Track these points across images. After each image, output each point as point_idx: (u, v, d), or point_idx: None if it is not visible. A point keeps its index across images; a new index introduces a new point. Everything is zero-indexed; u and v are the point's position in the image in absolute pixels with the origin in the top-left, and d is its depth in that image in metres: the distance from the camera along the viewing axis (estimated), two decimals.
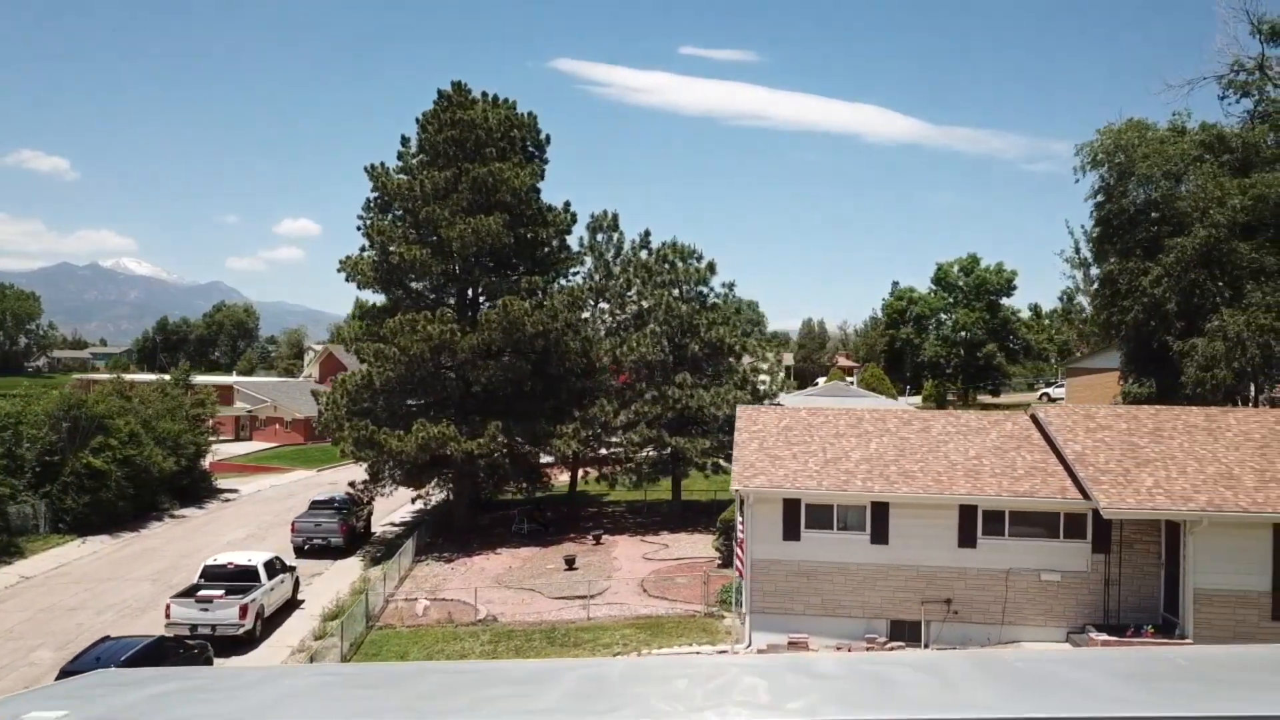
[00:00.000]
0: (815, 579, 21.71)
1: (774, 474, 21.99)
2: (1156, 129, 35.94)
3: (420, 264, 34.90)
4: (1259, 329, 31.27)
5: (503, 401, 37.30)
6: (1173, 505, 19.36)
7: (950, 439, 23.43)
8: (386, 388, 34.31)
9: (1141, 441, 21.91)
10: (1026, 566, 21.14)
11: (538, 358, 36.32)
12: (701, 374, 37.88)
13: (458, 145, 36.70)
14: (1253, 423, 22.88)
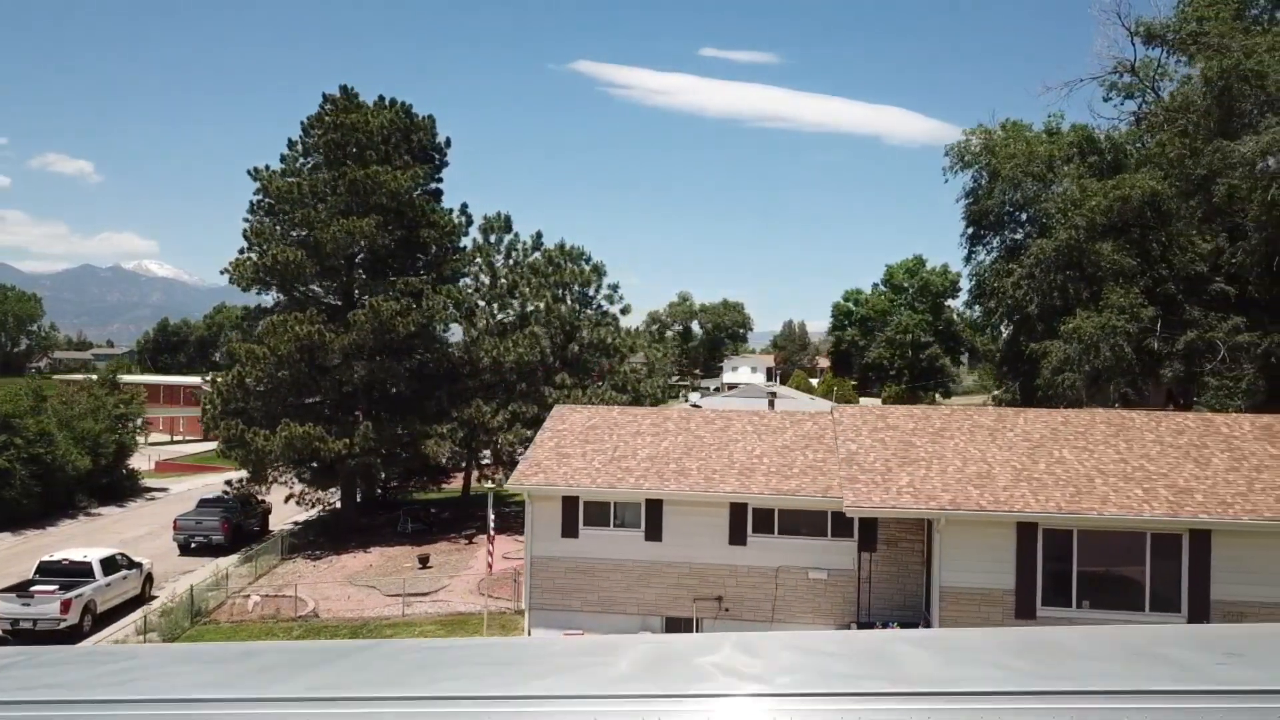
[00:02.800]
0: (593, 576, 22.00)
1: (555, 472, 22.29)
2: (1030, 131, 36.00)
3: (295, 265, 35.40)
4: (1111, 330, 31.31)
5: (382, 402, 37.81)
6: (915, 504, 19.53)
7: (744, 438, 23.67)
8: (258, 388, 34.80)
9: (919, 441, 22.07)
10: (796, 564, 21.37)
11: (414, 359, 36.76)
12: (586, 375, 38.20)
13: (339, 148, 37.20)
14: (1039, 423, 22.99)
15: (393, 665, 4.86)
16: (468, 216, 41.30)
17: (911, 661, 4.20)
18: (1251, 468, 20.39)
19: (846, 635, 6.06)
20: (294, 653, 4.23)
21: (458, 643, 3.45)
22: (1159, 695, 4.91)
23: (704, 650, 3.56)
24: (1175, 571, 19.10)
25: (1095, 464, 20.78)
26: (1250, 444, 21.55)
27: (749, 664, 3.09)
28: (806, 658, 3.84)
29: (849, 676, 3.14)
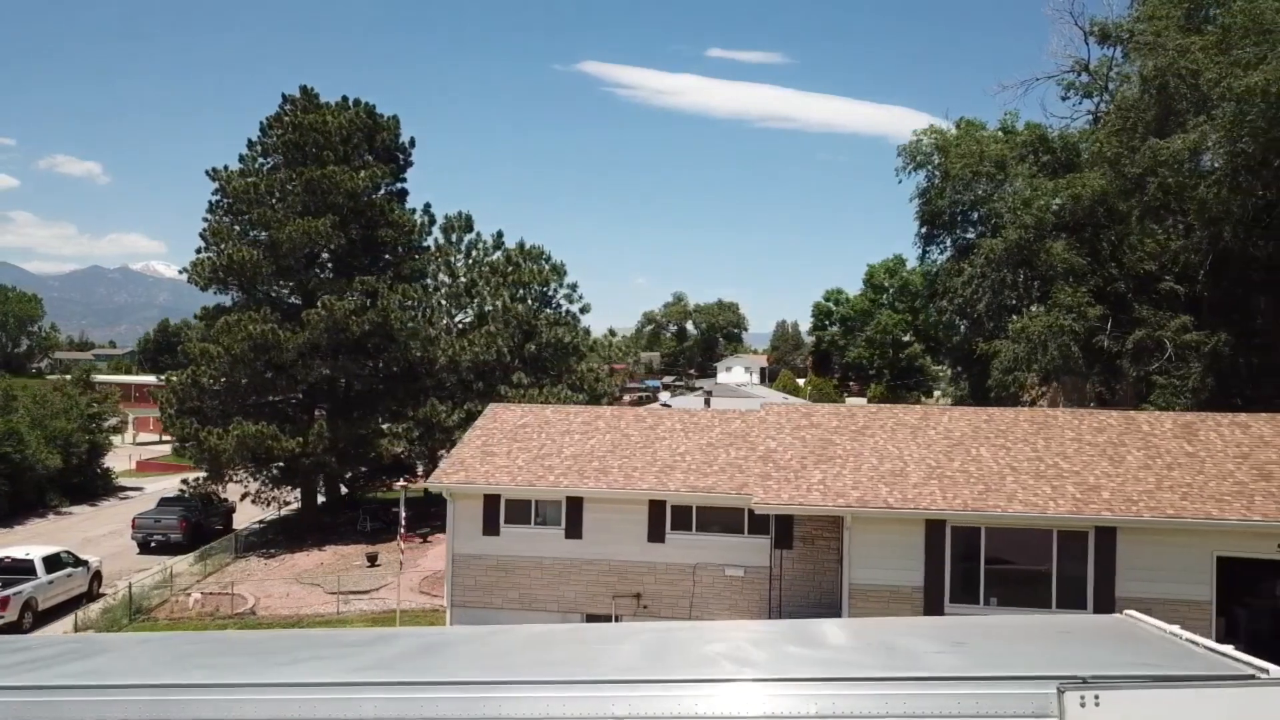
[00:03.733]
0: (513, 573, 22.11)
1: (476, 470, 22.42)
2: (984, 130, 36.03)
3: (251, 265, 35.60)
4: (1059, 329, 31.32)
5: (341, 401, 38.03)
6: (824, 501, 19.60)
7: (670, 436, 23.76)
8: (213, 386, 35.01)
9: (839, 439, 22.14)
10: (713, 562, 21.46)
11: (375, 358, 36.96)
12: (544, 374, 38.33)
13: (297, 148, 37.38)
14: (962, 421, 23.03)
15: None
16: (430, 216, 41.51)
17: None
18: (1164, 465, 20.43)
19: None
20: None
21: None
22: (860, 682, 5.32)
23: None
24: (1082, 568, 19.15)
25: (1010, 461, 20.84)
26: (1168, 442, 21.59)
27: None
28: None
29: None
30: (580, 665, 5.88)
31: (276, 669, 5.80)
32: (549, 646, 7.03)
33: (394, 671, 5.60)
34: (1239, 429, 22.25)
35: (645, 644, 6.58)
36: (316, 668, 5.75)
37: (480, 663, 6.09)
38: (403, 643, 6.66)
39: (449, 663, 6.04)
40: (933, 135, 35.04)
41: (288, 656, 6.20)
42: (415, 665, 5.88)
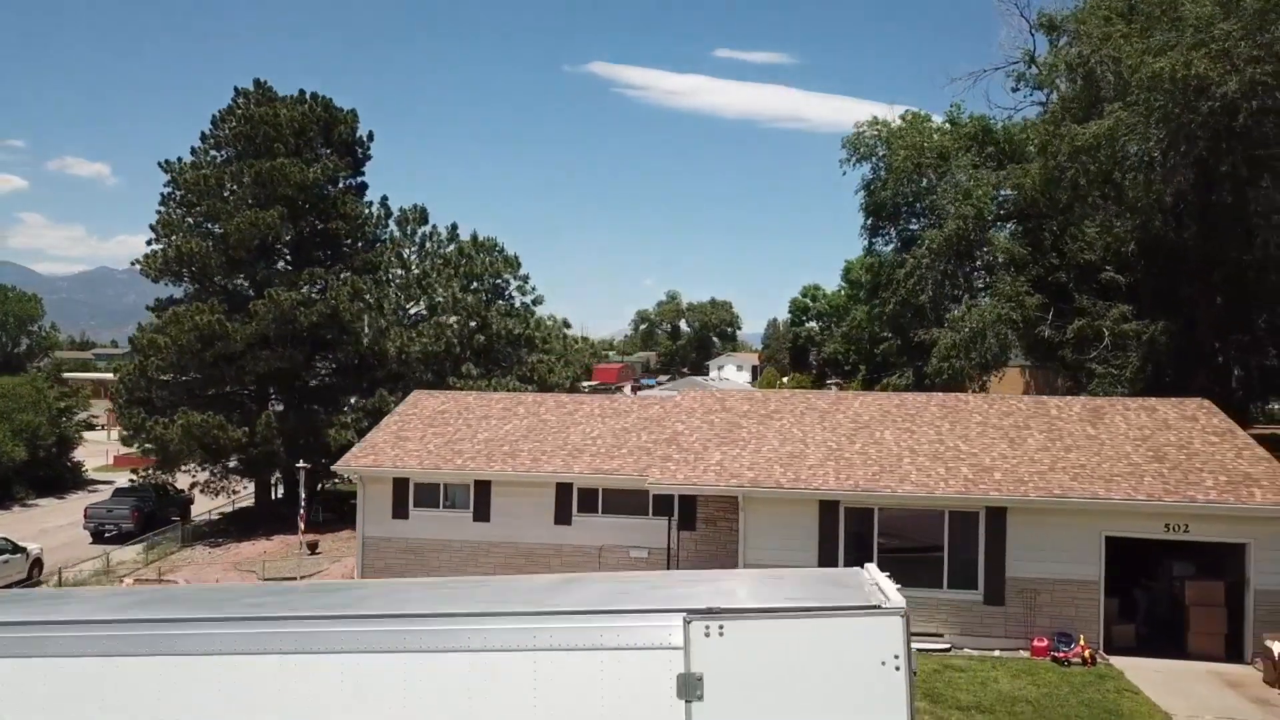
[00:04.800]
0: (423, 556, 22.27)
1: (387, 454, 22.59)
2: (929, 122, 36.08)
3: (200, 256, 35.83)
4: (998, 319, 31.38)
5: (294, 392, 38.26)
6: (717, 481, 19.74)
7: (587, 421, 23.89)
8: (161, 377, 35.25)
9: (746, 423, 22.26)
10: (618, 543, 21.61)
11: (323, 349, 37.17)
12: (496, 366, 38.48)
13: (248, 140, 37.61)
14: (874, 406, 23.16)
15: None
16: (386, 209, 41.71)
17: None
18: (1063, 447, 20.53)
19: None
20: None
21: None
22: (514, 616, 5.76)
23: None
24: (974, 549, 19.24)
25: (911, 444, 20.94)
26: (1073, 425, 21.68)
27: None
28: None
29: None
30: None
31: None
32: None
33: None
34: (1145, 413, 22.34)
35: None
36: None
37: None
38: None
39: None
40: (876, 127, 35.12)
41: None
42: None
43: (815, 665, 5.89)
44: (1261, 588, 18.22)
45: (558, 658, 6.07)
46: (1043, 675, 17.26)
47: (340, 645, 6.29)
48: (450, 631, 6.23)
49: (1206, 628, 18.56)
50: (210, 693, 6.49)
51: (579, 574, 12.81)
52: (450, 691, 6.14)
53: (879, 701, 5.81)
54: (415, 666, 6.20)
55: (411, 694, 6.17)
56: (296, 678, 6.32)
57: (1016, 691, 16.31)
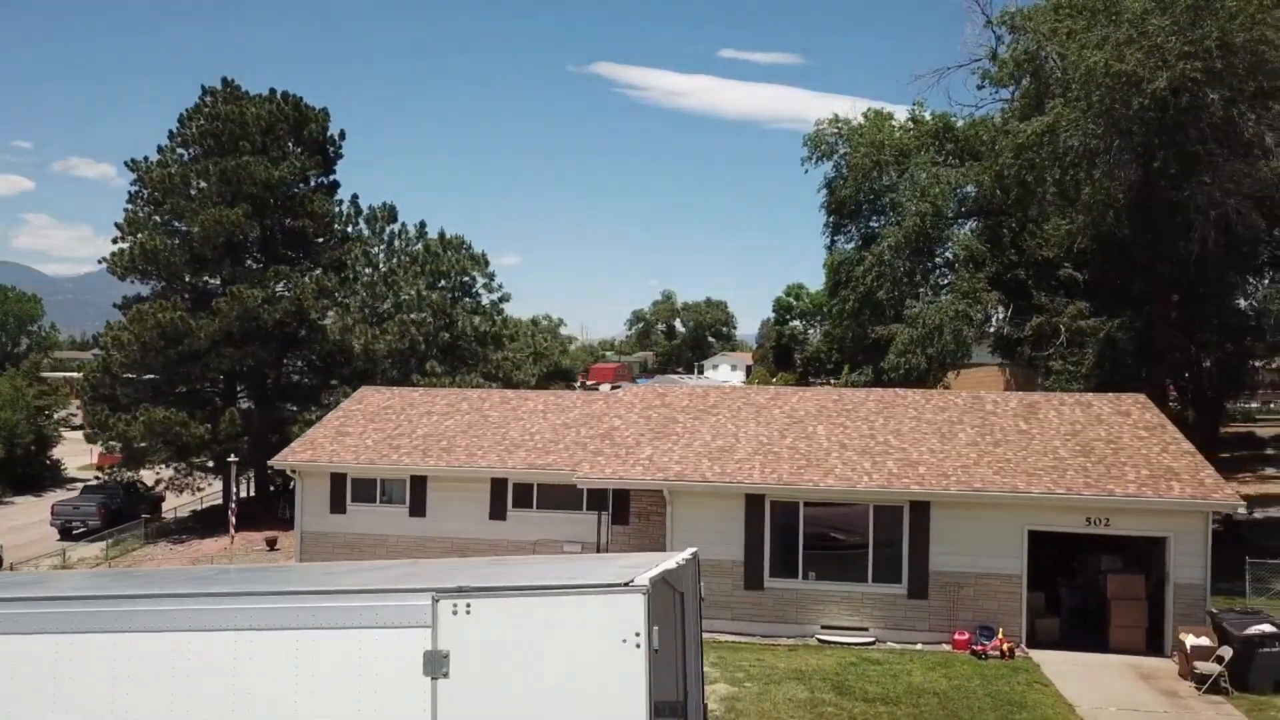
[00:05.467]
0: (359, 551, 22.37)
1: (325, 449, 22.71)
2: (893, 120, 36.10)
3: (164, 254, 35.99)
4: (954, 315, 31.41)
5: (263, 389, 38.42)
6: (644, 475, 19.83)
7: (529, 417, 23.99)
8: (125, 374, 35.43)
9: (683, 418, 22.34)
10: (553, 538, 21.68)
11: (289, 347, 37.33)
12: (462, 363, 38.61)
13: (214, 138, 37.76)
14: (811, 401, 23.25)
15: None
16: (356, 208, 41.86)
17: None
18: (992, 442, 20.59)
19: None
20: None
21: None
22: (287, 596, 5.89)
23: None
24: (898, 543, 19.30)
25: (842, 439, 21.01)
26: (1006, 420, 21.74)
27: None
28: None
29: None
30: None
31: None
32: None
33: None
34: (1080, 408, 22.41)
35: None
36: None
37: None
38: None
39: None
40: (836, 125, 35.17)
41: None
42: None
43: (559, 642, 5.99)
44: (1181, 581, 18.29)
45: (317, 636, 6.18)
46: (958, 668, 17.33)
47: (103, 625, 6.39)
48: (212, 611, 6.34)
49: (1127, 621, 18.62)
50: None
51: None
52: (216, 668, 6.25)
53: (619, 677, 5.90)
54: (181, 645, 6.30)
55: (178, 670, 6.28)
56: (66, 659, 6.42)
57: (927, 684, 16.38)
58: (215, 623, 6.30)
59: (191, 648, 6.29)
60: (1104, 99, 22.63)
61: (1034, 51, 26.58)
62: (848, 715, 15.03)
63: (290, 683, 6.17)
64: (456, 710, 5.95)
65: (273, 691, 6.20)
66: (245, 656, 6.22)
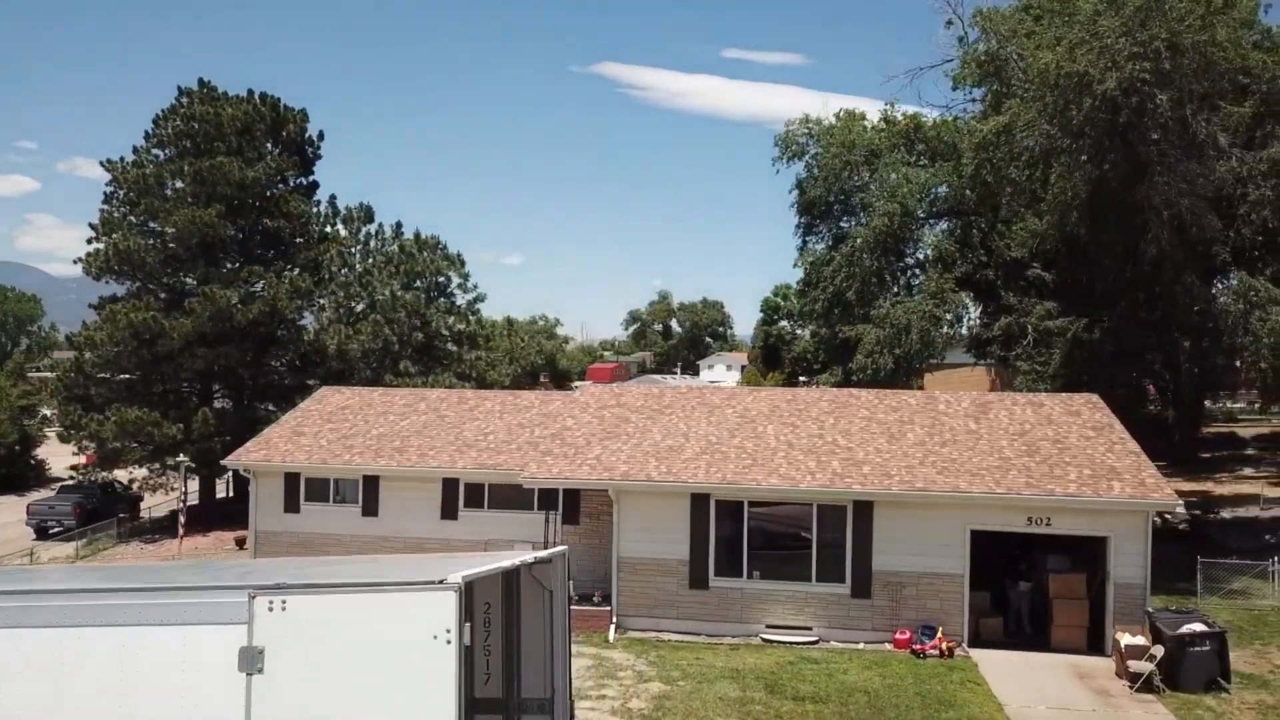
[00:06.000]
0: (313, 550, 22.43)
1: (278, 449, 22.81)
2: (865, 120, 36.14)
3: (138, 254, 36.12)
4: (921, 315, 31.45)
5: (239, 389, 38.55)
6: (591, 475, 19.91)
7: (486, 416, 24.08)
8: (98, 374, 35.56)
9: (635, 418, 22.42)
10: (503, 537, 21.66)
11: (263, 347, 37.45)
12: (436, 363, 38.70)
13: (189, 138, 37.89)
14: (763, 401, 23.31)
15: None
16: (334, 208, 41.96)
17: None
18: (939, 442, 20.64)
19: None
20: None
21: None
22: (110, 593, 6.03)
23: None
24: (841, 543, 19.35)
25: (790, 438, 21.07)
26: (957, 420, 21.79)
27: None
28: None
29: None
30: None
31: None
32: None
33: None
34: (1032, 408, 22.46)
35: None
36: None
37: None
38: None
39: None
40: (806, 125, 35.23)
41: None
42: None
43: (373, 638, 6.06)
44: (1121, 580, 18.34)
45: (141, 632, 6.26)
46: (894, 667, 17.38)
47: None
48: (39, 608, 6.41)
49: (1068, 621, 18.67)
50: None
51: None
52: (42, 664, 6.32)
53: (429, 673, 5.98)
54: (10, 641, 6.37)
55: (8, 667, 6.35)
56: None
57: (860, 683, 16.43)
58: (40, 620, 6.37)
59: (21, 644, 6.36)
60: (1057, 100, 22.65)
61: (995, 52, 26.61)
62: (775, 714, 15.09)
63: (116, 678, 6.25)
64: (271, 705, 6.03)
65: (99, 687, 6.28)
66: (72, 652, 6.29)
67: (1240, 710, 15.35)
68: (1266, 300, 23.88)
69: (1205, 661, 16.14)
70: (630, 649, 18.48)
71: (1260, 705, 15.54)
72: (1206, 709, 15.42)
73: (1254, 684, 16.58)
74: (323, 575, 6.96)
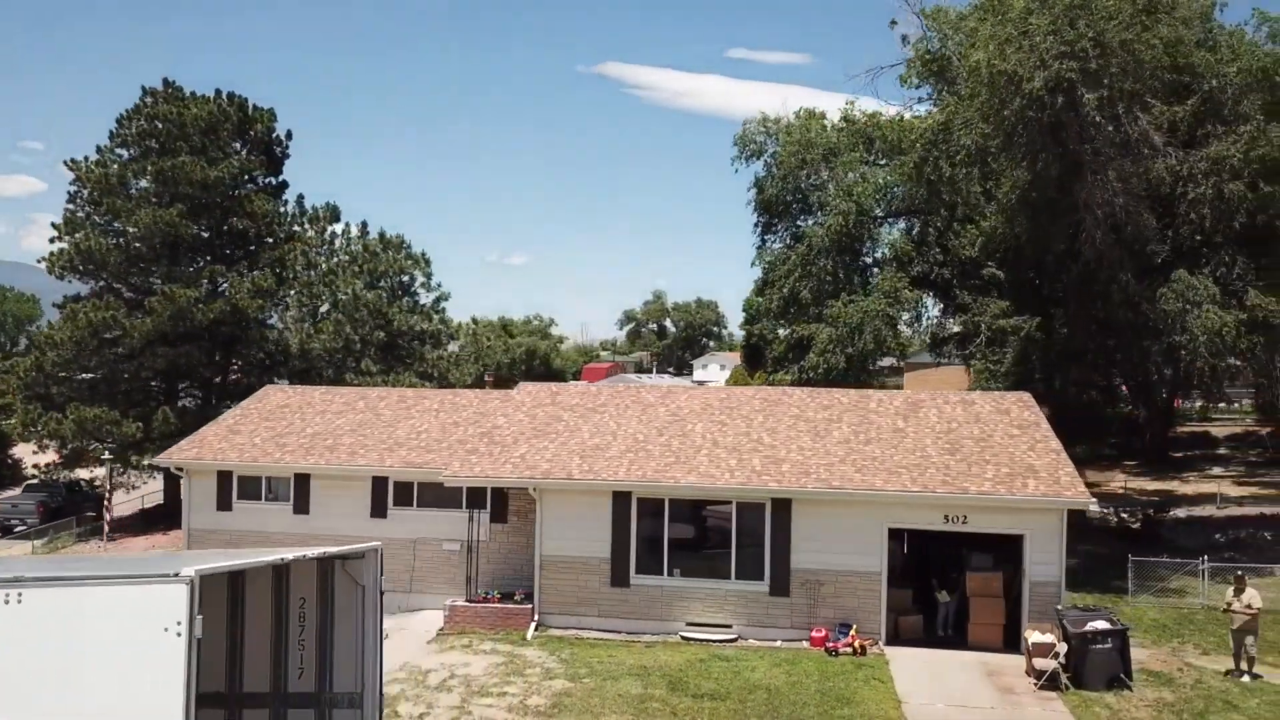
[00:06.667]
0: (245, 547, 22.48)
1: (211, 447, 22.88)
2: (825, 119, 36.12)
3: (100, 254, 36.23)
4: (874, 314, 31.43)
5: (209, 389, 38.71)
6: (514, 473, 19.96)
7: (422, 415, 24.12)
8: (59, 373, 35.67)
9: (568, 416, 22.46)
10: (432, 536, 21.78)
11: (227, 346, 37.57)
12: (399, 362, 38.79)
13: (153, 138, 38.02)
14: (696, 400, 23.34)
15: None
16: (301, 208, 42.03)
17: None
18: (863, 440, 20.65)
19: None
20: None
21: None
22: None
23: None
24: (760, 540, 19.37)
25: (716, 436, 21.10)
26: (885, 419, 21.79)
27: None
28: None
29: None
30: None
31: None
32: None
33: None
34: (963, 406, 22.46)
35: None
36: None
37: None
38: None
39: None
40: (764, 125, 35.24)
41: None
42: None
43: (107, 630, 6.11)
44: (1036, 579, 18.36)
45: None
46: (804, 665, 17.40)
47: None
48: None
49: (985, 619, 18.68)
50: None
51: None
52: None
53: (159, 663, 6.02)
54: None
55: None
56: None
57: (765, 681, 16.46)
58: None
59: None
60: (991, 98, 22.64)
61: (938, 51, 26.60)
62: (670, 711, 15.11)
63: None
64: (4, 695, 6.07)
65: None
66: None
67: (1137, 708, 15.35)
68: (1203, 299, 23.84)
69: (1108, 659, 16.14)
70: (545, 646, 18.51)
71: (1158, 703, 15.54)
72: (1104, 706, 15.42)
73: (1159, 682, 16.58)
74: (67, 569, 7.01)
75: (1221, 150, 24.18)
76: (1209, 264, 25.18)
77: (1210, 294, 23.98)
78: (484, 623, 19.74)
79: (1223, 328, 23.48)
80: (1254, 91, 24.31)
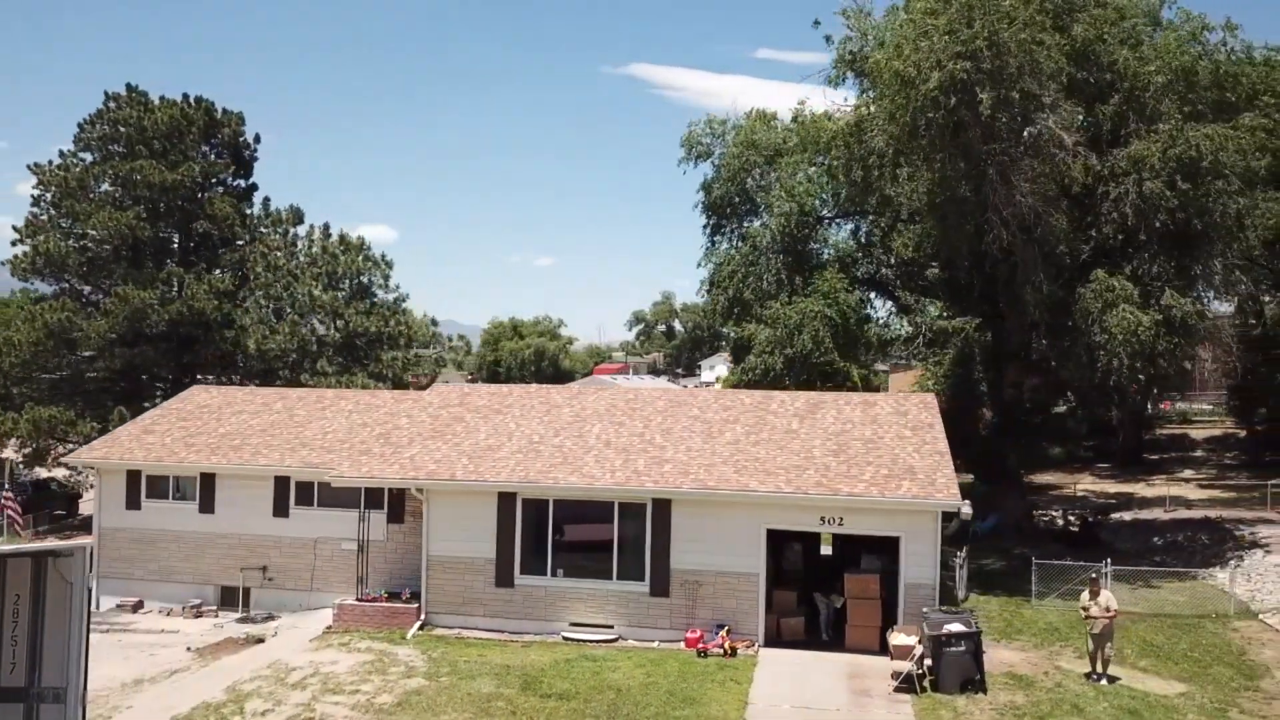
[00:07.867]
0: (154, 546, 22.84)
1: (121, 446, 23.22)
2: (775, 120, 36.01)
3: (60, 257, 36.80)
4: (814, 316, 31.29)
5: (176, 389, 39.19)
6: (398, 474, 20.12)
7: (335, 416, 24.34)
8: (14, 373, 36.25)
9: (470, 417, 22.61)
10: (332, 535, 21.98)
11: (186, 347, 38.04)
12: (356, 363, 39.08)
13: (115, 142, 38.57)
14: (603, 401, 23.41)
15: None
16: (267, 211, 42.46)
17: None
18: (753, 441, 20.65)
19: None
20: None
21: None
22: None
23: None
24: (642, 541, 19.40)
25: (611, 437, 21.17)
26: (782, 420, 21.78)
27: None
28: None
29: None
30: None
31: None
32: None
33: None
34: (863, 407, 22.40)
35: None
36: None
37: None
38: None
39: None
40: (710, 126, 35.23)
41: None
42: None
43: None
44: (910, 580, 18.29)
45: None
46: (668, 665, 17.41)
47: None
48: None
49: (862, 620, 18.62)
50: None
51: None
52: None
53: None
54: None
55: None
56: None
57: (619, 681, 16.49)
58: None
59: None
60: (894, 98, 22.53)
61: (857, 51, 26.51)
62: (512, 710, 15.19)
63: None
64: None
65: None
66: None
67: (983, 711, 15.26)
68: (1121, 298, 23.60)
69: (962, 662, 16.05)
70: (420, 645, 18.64)
71: (1007, 707, 15.43)
72: (952, 710, 15.34)
73: (1020, 685, 16.47)
74: None
75: (1141, 150, 23.93)
76: (1131, 264, 24.90)
77: (1128, 294, 23.73)
78: (371, 622, 19.90)
79: (1138, 327, 23.21)
80: (1173, 91, 24.02)
